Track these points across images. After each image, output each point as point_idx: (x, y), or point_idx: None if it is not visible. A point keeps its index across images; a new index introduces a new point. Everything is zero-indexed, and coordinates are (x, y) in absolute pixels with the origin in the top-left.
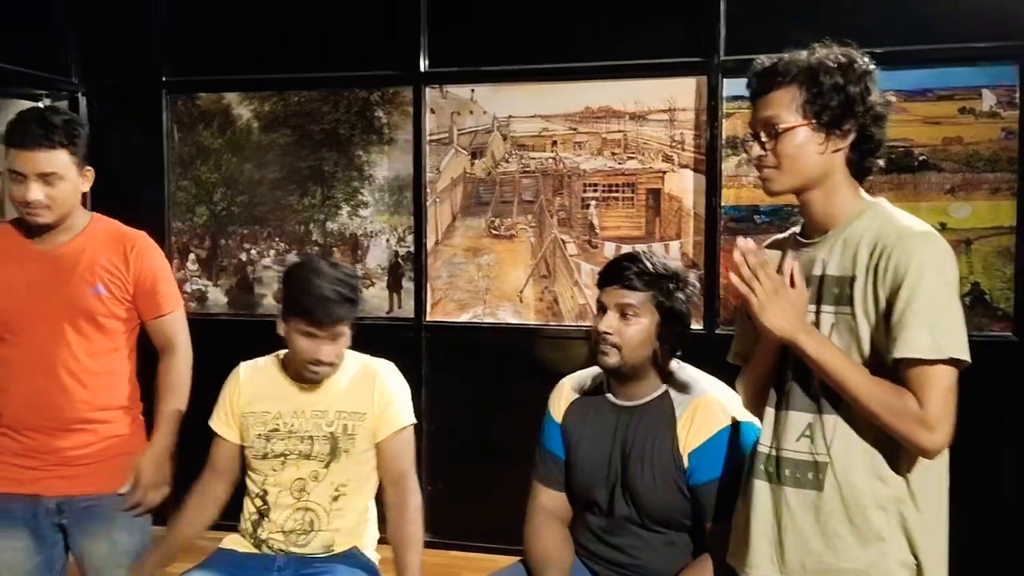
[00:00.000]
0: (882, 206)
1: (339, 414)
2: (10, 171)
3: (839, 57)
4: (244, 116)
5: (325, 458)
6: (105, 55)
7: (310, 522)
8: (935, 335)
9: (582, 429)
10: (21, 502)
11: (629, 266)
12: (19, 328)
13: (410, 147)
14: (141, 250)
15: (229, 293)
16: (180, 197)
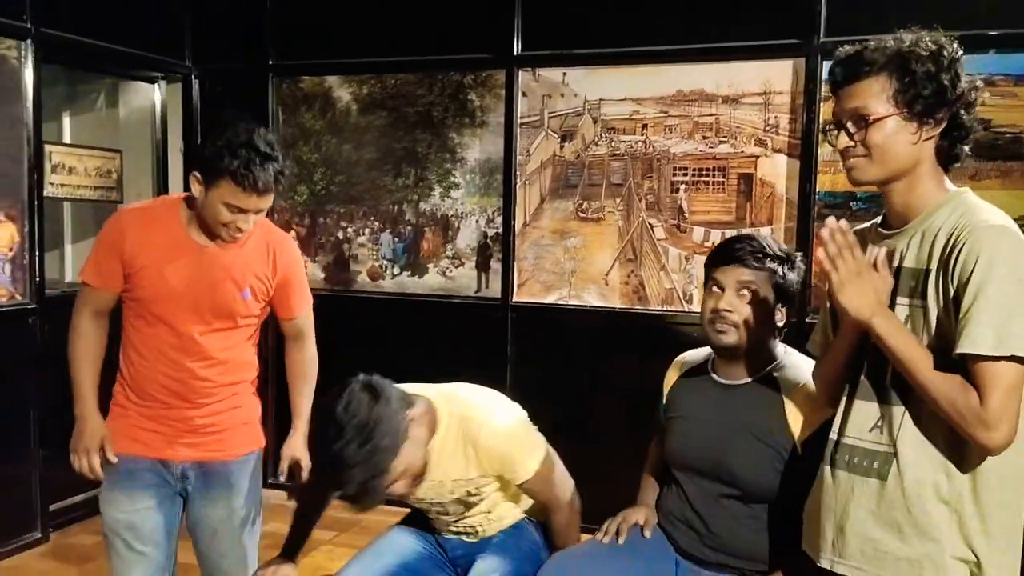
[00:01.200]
0: (964, 197)
1: (456, 482)
2: (227, 204)
3: (929, 44)
4: (344, 98)
5: (462, 511)
6: (216, 40)
7: (473, 530)
8: (999, 331)
9: (685, 404)
10: (149, 465)
11: (744, 245)
12: (169, 316)
13: (501, 130)
14: (286, 257)
15: (326, 269)
16: None
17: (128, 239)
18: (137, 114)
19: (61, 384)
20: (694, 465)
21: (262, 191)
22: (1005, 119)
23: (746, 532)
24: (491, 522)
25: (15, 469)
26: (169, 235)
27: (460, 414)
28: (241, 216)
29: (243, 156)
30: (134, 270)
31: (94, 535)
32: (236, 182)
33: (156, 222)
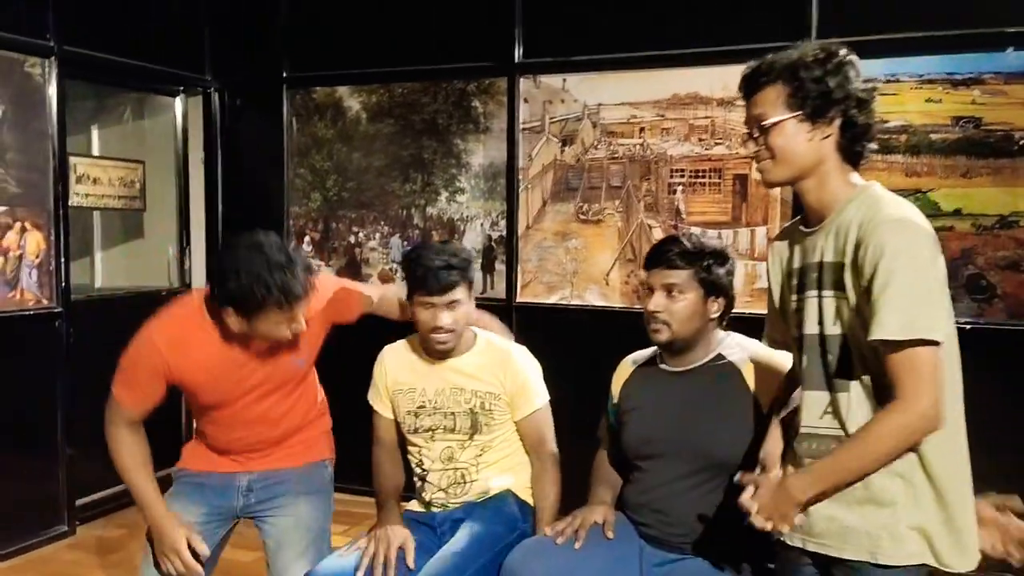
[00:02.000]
0: (870, 191)
1: (475, 392)
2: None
3: (817, 52)
4: (354, 108)
5: (468, 431)
6: (234, 55)
7: (461, 475)
8: (905, 317)
9: (639, 396)
10: (217, 480)
11: (670, 248)
12: (232, 408)
13: (504, 135)
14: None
15: (339, 273)
16: (297, 184)
17: (170, 362)
18: (161, 126)
19: (86, 383)
20: (661, 449)
21: (304, 296)
22: (995, 117)
23: (711, 511)
24: (480, 469)
25: (43, 465)
26: (207, 349)
27: (498, 342)
28: (294, 324)
29: (276, 282)
30: (184, 386)
31: (118, 528)
32: (281, 308)
33: (190, 339)
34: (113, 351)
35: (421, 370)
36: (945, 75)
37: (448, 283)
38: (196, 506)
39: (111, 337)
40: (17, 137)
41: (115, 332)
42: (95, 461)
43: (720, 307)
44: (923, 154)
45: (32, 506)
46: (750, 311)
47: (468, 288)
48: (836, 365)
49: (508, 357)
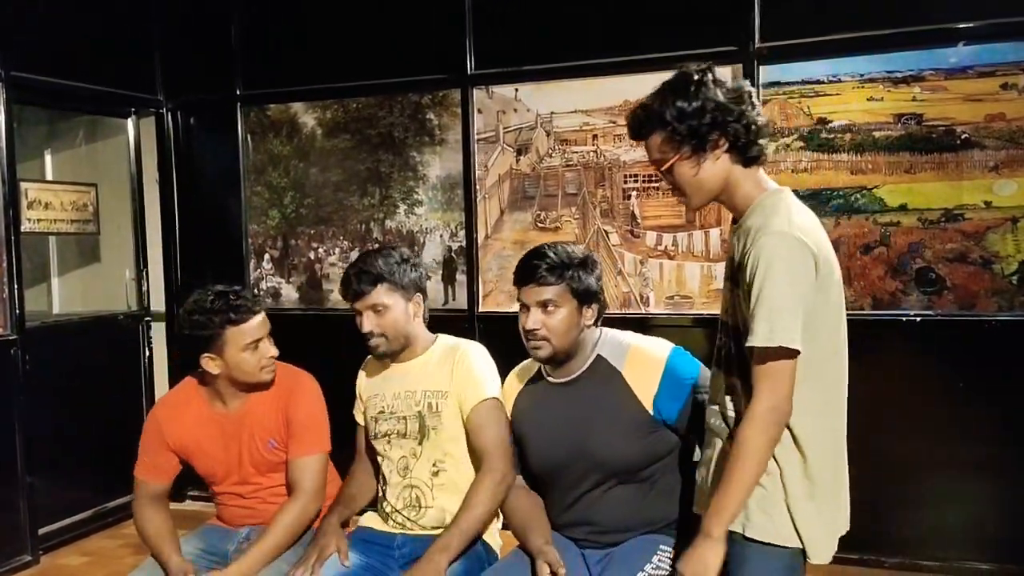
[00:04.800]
0: (771, 199)
1: (424, 393)
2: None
3: (672, 84)
4: (309, 124)
5: (417, 436)
6: (186, 74)
7: (416, 498)
8: (770, 326)
9: (531, 414)
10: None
11: (539, 264)
12: (221, 479)
13: (460, 146)
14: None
15: (300, 289)
16: (255, 202)
17: (166, 431)
18: (114, 148)
19: (44, 410)
20: (566, 464)
21: (256, 312)
22: (938, 112)
23: (633, 507)
24: (436, 493)
25: (3, 494)
26: (197, 414)
27: (455, 341)
28: (261, 347)
29: (224, 304)
30: (181, 454)
31: (83, 556)
32: (236, 323)
33: (185, 406)
34: (71, 376)
35: (384, 376)
36: (885, 73)
37: (359, 290)
38: (197, 541)
39: (68, 362)
40: None
41: (72, 357)
42: (57, 489)
43: (595, 313)
44: (867, 152)
45: None
46: (709, 312)
47: (394, 291)
48: (733, 351)
49: (457, 350)
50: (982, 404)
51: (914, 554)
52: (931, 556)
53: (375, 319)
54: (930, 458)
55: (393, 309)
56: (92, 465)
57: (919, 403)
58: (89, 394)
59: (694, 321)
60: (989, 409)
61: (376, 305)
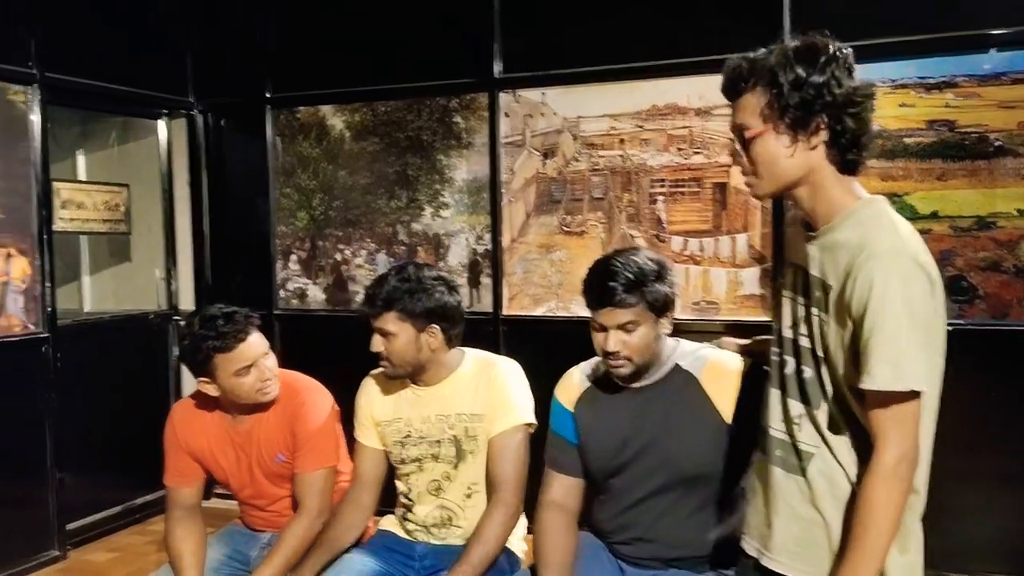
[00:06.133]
0: (869, 210)
1: (459, 416)
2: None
3: (800, 49)
4: (337, 127)
5: (453, 460)
6: (217, 76)
7: (448, 518)
8: (895, 366)
9: (597, 415)
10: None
11: (615, 286)
12: (236, 489)
13: (486, 150)
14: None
15: (326, 291)
16: (284, 203)
17: (181, 437)
18: (146, 149)
19: (74, 407)
20: (629, 468)
21: (244, 338)
22: (969, 119)
23: (687, 526)
24: (467, 512)
25: (32, 490)
26: (210, 424)
27: (487, 358)
28: (255, 371)
29: (211, 331)
30: (202, 463)
31: (109, 552)
32: (224, 351)
33: (199, 414)
34: (100, 373)
35: (406, 398)
36: (917, 79)
37: (368, 311)
38: (220, 549)
39: (98, 360)
40: (2, 165)
41: (102, 355)
42: (85, 485)
43: (671, 320)
44: (898, 158)
45: (22, 531)
46: (736, 318)
47: (403, 321)
48: (810, 378)
49: (490, 369)
50: (1014, 415)
51: (942, 565)
52: (959, 568)
53: (383, 342)
54: (960, 469)
55: (399, 338)
56: (120, 462)
57: (949, 413)
58: (118, 392)
59: (721, 327)
60: (1021, 420)
61: (383, 330)
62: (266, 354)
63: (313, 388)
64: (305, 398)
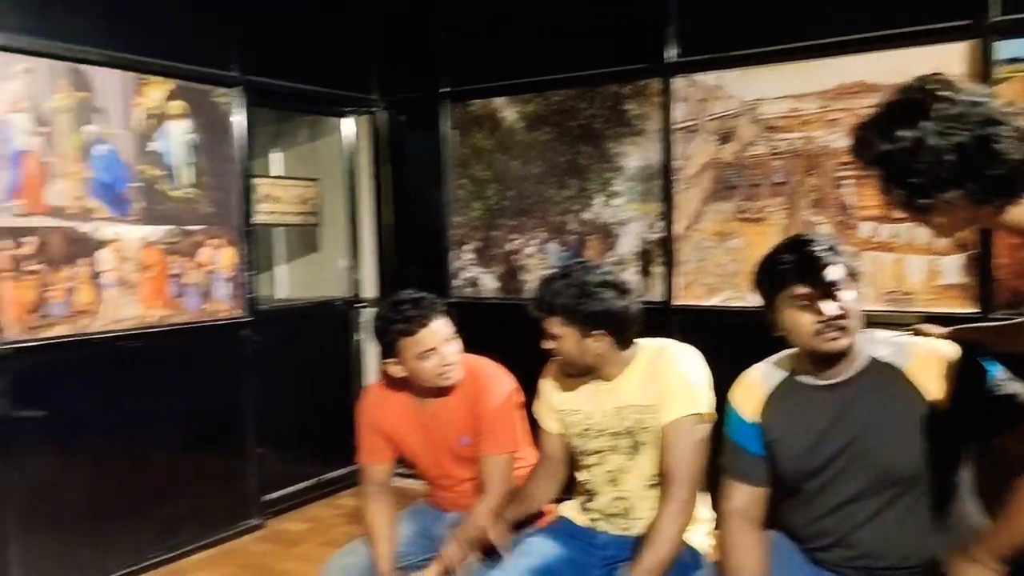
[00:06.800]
0: None
1: (633, 408)
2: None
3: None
4: (510, 118)
5: (629, 451)
6: (397, 74)
7: (626, 509)
8: None
9: (786, 418)
10: (432, 513)
11: (812, 249)
12: (423, 469)
13: (659, 136)
14: (482, 405)
15: (499, 279)
16: (459, 194)
17: (373, 417)
18: (333, 146)
19: (271, 387)
20: (830, 470)
21: (427, 323)
22: None
23: (895, 532)
24: (647, 500)
25: (235, 463)
26: (400, 405)
27: (659, 345)
28: (436, 355)
29: (397, 315)
30: (393, 443)
31: (303, 522)
32: (408, 334)
33: (390, 396)
34: (293, 356)
35: (586, 392)
36: None
37: (534, 313)
38: (411, 522)
39: (292, 343)
40: (209, 162)
41: (295, 339)
42: (281, 459)
43: None
44: None
45: (225, 502)
46: (934, 310)
47: (567, 325)
48: None
49: (661, 356)
50: None
51: None
52: None
53: (550, 343)
54: None
55: (565, 341)
56: (311, 438)
57: None
58: (308, 373)
59: (918, 320)
60: None
61: (549, 332)
62: (449, 340)
63: (495, 373)
64: (487, 383)
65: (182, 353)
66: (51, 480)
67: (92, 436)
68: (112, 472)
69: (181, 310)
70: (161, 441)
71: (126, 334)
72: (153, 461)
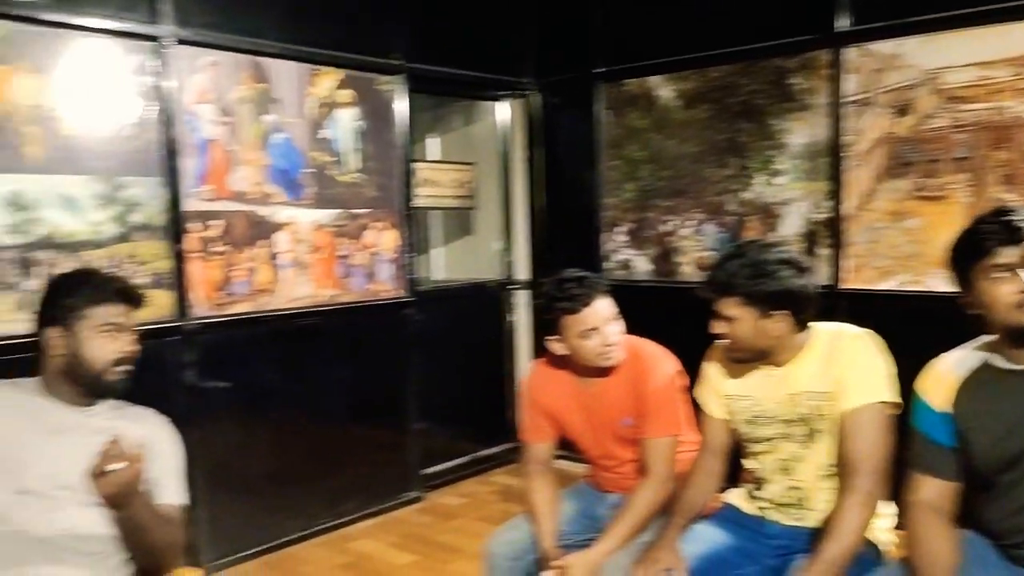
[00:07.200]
0: None
1: (809, 395)
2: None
3: None
4: (666, 96)
5: (803, 439)
6: (551, 56)
7: (799, 499)
8: None
9: (981, 407)
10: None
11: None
12: (585, 449)
13: (827, 111)
14: (646, 386)
15: (653, 261)
16: (611, 175)
17: (536, 395)
18: (488, 129)
19: (431, 365)
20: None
21: (589, 302)
22: None
23: None
24: (821, 491)
25: (397, 438)
26: (562, 383)
27: (836, 330)
28: (598, 335)
29: (561, 293)
30: (555, 418)
31: (460, 497)
32: (570, 312)
33: (552, 374)
34: (451, 336)
35: (756, 378)
36: None
37: (706, 295)
38: (573, 502)
39: (449, 324)
40: (373, 148)
41: (452, 319)
42: (439, 434)
43: None
44: None
45: (388, 473)
46: None
47: (744, 306)
48: None
49: (839, 341)
50: None
51: None
52: None
53: (723, 325)
54: None
55: (741, 323)
56: (466, 416)
57: None
58: (465, 353)
59: None
60: None
61: (723, 314)
62: (611, 320)
63: (658, 355)
64: (650, 364)
65: (349, 331)
66: (234, 446)
67: (270, 407)
68: (287, 441)
69: (348, 290)
70: (331, 413)
71: (300, 312)
72: (324, 432)
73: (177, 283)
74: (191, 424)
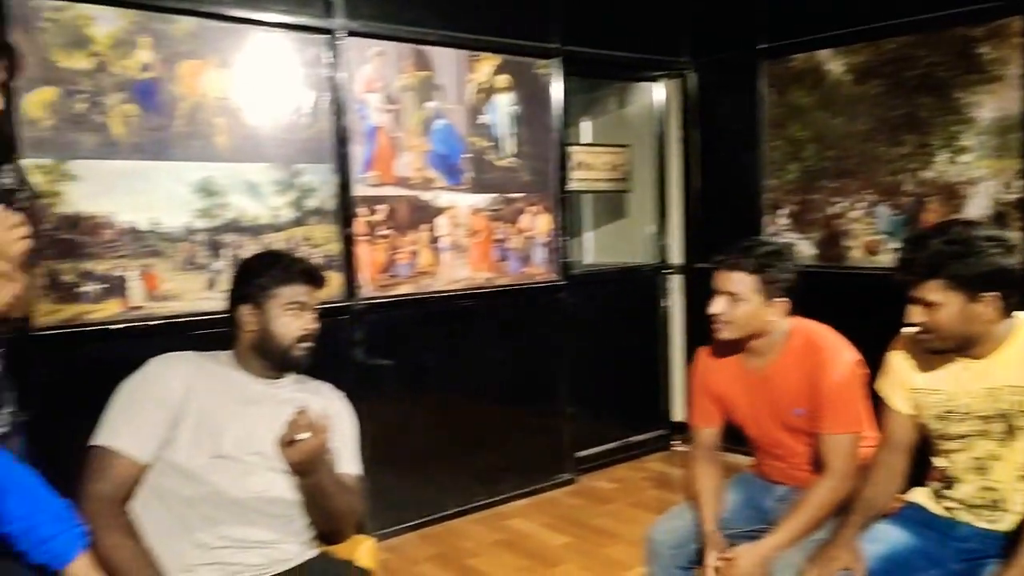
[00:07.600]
0: None
1: (1012, 389)
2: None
3: None
4: (835, 71)
5: (1002, 437)
6: (710, 34)
7: (994, 501)
8: None
9: None
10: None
11: None
12: (752, 435)
13: (1021, 83)
14: (823, 380)
15: (819, 245)
16: (773, 156)
17: (704, 379)
18: (642, 111)
19: (584, 349)
20: None
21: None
22: None
23: None
24: (1018, 493)
25: (551, 420)
26: (730, 367)
27: None
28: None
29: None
30: (722, 402)
31: (611, 482)
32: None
33: (721, 357)
34: (604, 320)
35: (951, 370)
36: None
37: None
38: (738, 491)
39: (602, 308)
40: (529, 132)
41: (606, 303)
42: (591, 418)
43: None
44: None
45: (542, 455)
46: None
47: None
48: None
49: None
50: None
51: None
52: None
53: (923, 312)
54: None
55: (945, 308)
56: (619, 401)
57: None
58: (618, 338)
59: None
60: None
61: (923, 300)
62: (727, 295)
63: (838, 345)
64: (828, 355)
65: (504, 313)
66: (397, 422)
67: (430, 385)
68: (446, 418)
69: (504, 273)
70: (487, 393)
71: (458, 294)
72: (480, 411)
73: (346, 265)
74: (359, 399)
